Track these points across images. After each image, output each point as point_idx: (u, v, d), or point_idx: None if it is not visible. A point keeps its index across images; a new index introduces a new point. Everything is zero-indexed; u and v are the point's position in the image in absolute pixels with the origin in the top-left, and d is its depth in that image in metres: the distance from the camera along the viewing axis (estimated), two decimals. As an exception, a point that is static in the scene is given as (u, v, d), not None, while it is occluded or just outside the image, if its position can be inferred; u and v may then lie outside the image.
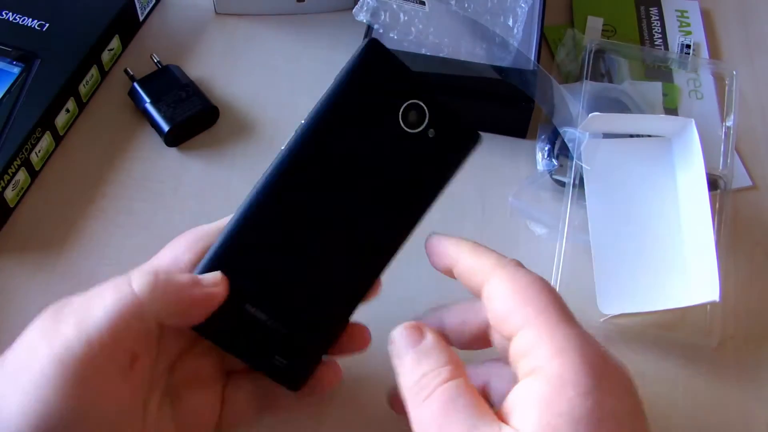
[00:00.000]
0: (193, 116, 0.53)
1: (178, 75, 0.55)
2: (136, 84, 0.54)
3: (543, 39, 0.54)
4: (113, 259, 0.48)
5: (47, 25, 0.54)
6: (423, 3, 0.52)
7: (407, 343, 0.33)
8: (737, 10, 0.64)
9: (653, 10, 0.62)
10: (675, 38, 0.61)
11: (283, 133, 0.54)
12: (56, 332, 0.31)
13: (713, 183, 0.50)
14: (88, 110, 0.55)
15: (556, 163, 0.51)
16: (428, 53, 0.51)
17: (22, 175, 0.49)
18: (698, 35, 0.61)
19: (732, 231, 0.49)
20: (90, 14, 0.55)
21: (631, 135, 0.52)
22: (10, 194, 0.48)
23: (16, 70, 0.51)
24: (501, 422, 0.30)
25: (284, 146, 0.36)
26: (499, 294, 0.34)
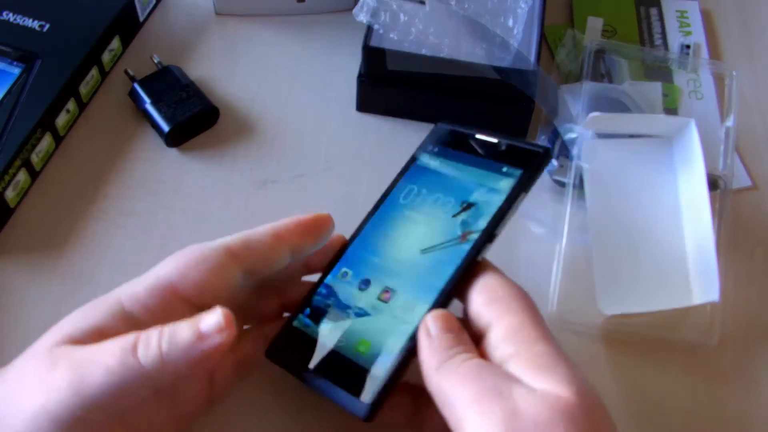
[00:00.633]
0: (194, 117, 0.53)
1: (179, 75, 0.55)
2: (137, 84, 0.54)
3: (543, 39, 0.54)
4: (114, 260, 0.48)
5: (48, 26, 0.54)
6: (423, 3, 0.52)
7: (440, 327, 0.35)
8: (737, 11, 0.64)
9: (653, 11, 0.62)
10: (675, 38, 0.61)
11: (284, 133, 0.54)
12: (52, 383, 0.31)
13: (713, 183, 0.50)
14: (89, 111, 0.55)
15: (556, 164, 0.51)
16: (428, 53, 0.51)
17: (23, 176, 0.49)
18: (698, 35, 0.61)
19: (732, 231, 0.49)
20: (90, 14, 0.55)
21: (631, 135, 0.52)
22: (11, 195, 0.48)
23: (17, 71, 0.51)
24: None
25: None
26: (476, 294, 0.36)
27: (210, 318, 0.33)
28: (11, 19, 0.54)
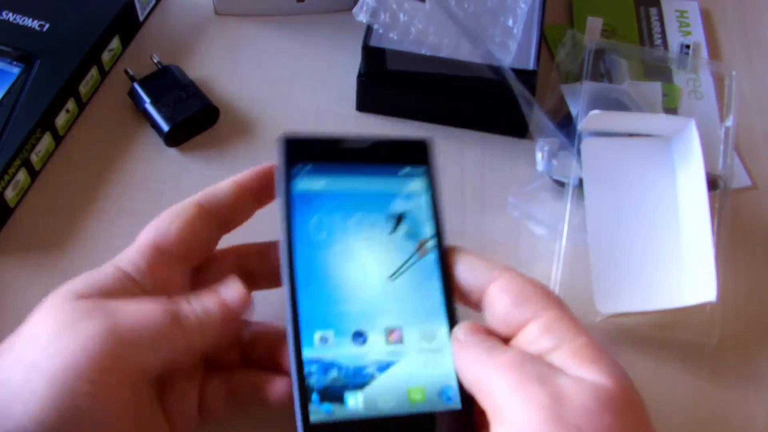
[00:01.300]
0: (193, 116, 0.53)
1: (178, 75, 0.55)
2: (136, 84, 0.54)
3: (543, 39, 0.54)
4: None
5: (47, 26, 0.54)
6: (423, 2, 0.52)
7: (468, 331, 0.35)
8: (737, 11, 0.64)
9: (653, 11, 0.62)
10: (675, 38, 0.61)
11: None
12: (88, 331, 0.32)
13: (712, 183, 0.50)
14: (88, 110, 0.55)
15: (556, 164, 0.50)
16: (428, 53, 0.51)
17: (23, 176, 0.49)
18: (698, 35, 0.61)
19: (731, 231, 0.49)
20: (90, 14, 0.55)
21: (631, 135, 0.52)
22: (11, 194, 0.48)
23: (16, 71, 0.51)
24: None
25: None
26: (502, 295, 0.35)
27: (229, 286, 0.37)
28: (11, 19, 0.54)
